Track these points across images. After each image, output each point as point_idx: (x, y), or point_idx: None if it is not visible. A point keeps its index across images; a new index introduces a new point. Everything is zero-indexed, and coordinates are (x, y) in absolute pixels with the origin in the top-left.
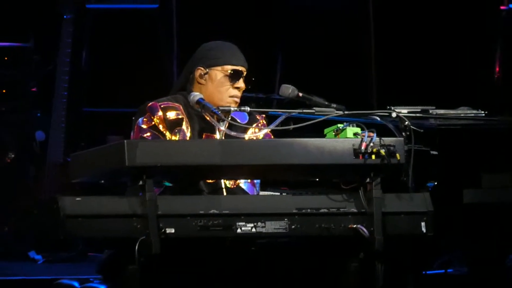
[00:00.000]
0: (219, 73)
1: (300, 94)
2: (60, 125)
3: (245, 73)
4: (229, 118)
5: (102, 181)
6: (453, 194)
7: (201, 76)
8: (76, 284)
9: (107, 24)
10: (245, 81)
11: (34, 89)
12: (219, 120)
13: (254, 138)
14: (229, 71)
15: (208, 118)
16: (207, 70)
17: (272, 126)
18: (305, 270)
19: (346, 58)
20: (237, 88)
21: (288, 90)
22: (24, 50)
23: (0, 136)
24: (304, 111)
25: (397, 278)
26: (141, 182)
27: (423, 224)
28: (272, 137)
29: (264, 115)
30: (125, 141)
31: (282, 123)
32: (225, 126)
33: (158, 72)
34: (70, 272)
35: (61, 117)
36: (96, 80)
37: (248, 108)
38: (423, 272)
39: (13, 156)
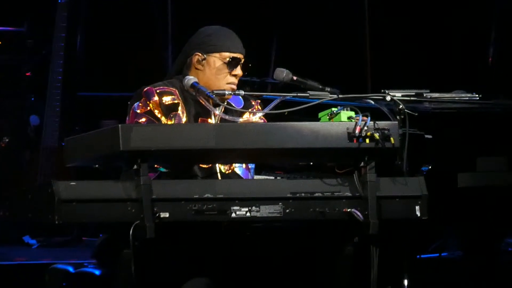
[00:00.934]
0: (217, 60)
1: (295, 78)
2: (54, 110)
3: (242, 60)
4: (225, 103)
5: (97, 166)
6: (447, 178)
7: (198, 61)
8: (70, 268)
9: (102, 8)
10: (242, 68)
11: (28, 74)
12: (215, 105)
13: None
14: (227, 59)
15: (203, 102)
16: (205, 56)
17: (267, 110)
18: (299, 254)
19: (340, 42)
20: (235, 75)
21: (282, 73)
22: (18, 34)
23: None
24: (298, 94)
25: (392, 262)
26: (135, 167)
27: (417, 208)
28: (266, 121)
29: (259, 101)
30: (120, 125)
31: (276, 107)
32: (220, 111)
33: (152, 56)
34: (65, 257)
35: (56, 102)
36: (91, 64)
37: (242, 92)
38: (418, 256)
39: (7, 140)
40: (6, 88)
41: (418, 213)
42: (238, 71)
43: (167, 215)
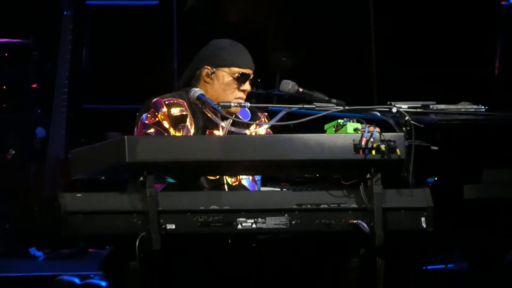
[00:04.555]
0: (226, 74)
1: (301, 90)
2: (60, 122)
3: (252, 76)
4: (233, 116)
5: (103, 178)
6: (453, 190)
7: (207, 75)
8: (77, 280)
9: (107, 20)
10: (250, 83)
11: (34, 86)
12: (223, 118)
13: (255, 134)
14: (237, 74)
15: (209, 115)
16: (214, 69)
17: (273, 122)
18: (305, 266)
19: (346, 53)
20: (243, 90)
21: (288, 85)
22: (24, 46)
23: (1, 133)
24: (304, 106)
25: (398, 274)
26: (141, 178)
27: (423, 219)
28: (272, 133)
29: (266, 113)
30: (126, 137)
31: (282, 119)
32: (228, 123)
33: (158, 69)
34: (71, 269)
35: (62, 114)
36: (97, 76)
37: (248, 104)
38: (424, 268)
39: (13, 153)
40: (12, 100)
41: (424, 225)
42: (247, 86)
43: (173, 227)
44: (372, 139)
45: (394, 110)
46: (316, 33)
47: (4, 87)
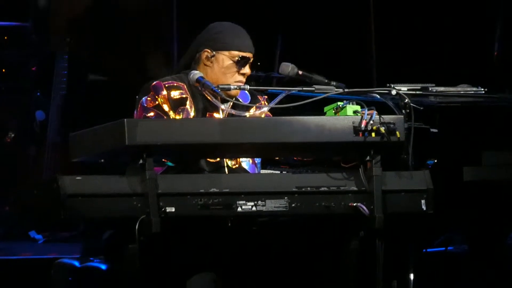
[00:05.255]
0: (226, 58)
1: (300, 72)
2: (60, 105)
3: (252, 59)
4: (233, 99)
5: (102, 161)
6: (453, 172)
7: (207, 58)
8: (76, 263)
9: (107, 2)
10: (250, 67)
11: (34, 69)
12: (223, 100)
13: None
14: (237, 58)
15: (209, 97)
16: (214, 53)
17: (272, 104)
18: (305, 248)
19: (346, 36)
20: (243, 74)
21: (288, 68)
22: (24, 29)
23: (0, 116)
24: (304, 89)
25: (397, 256)
26: (141, 161)
27: (423, 202)
28: (272, 115)
29: (266, 97)
30: (125, 120)
31: (282, 102)
32: (228, 106)
33: (158, 51)
34: (71, 251)
35: (61, 97)
36: (96, 59)
37: (247, 86)
38: (424, 250)
39: (13, 135)
40: (12, 83)
41: (423, 207)
42: (247, 70)
43: (173, 209)
44: (371, 122)
45: (394, 92)
46: (315, 14)
47: (4, 70)
